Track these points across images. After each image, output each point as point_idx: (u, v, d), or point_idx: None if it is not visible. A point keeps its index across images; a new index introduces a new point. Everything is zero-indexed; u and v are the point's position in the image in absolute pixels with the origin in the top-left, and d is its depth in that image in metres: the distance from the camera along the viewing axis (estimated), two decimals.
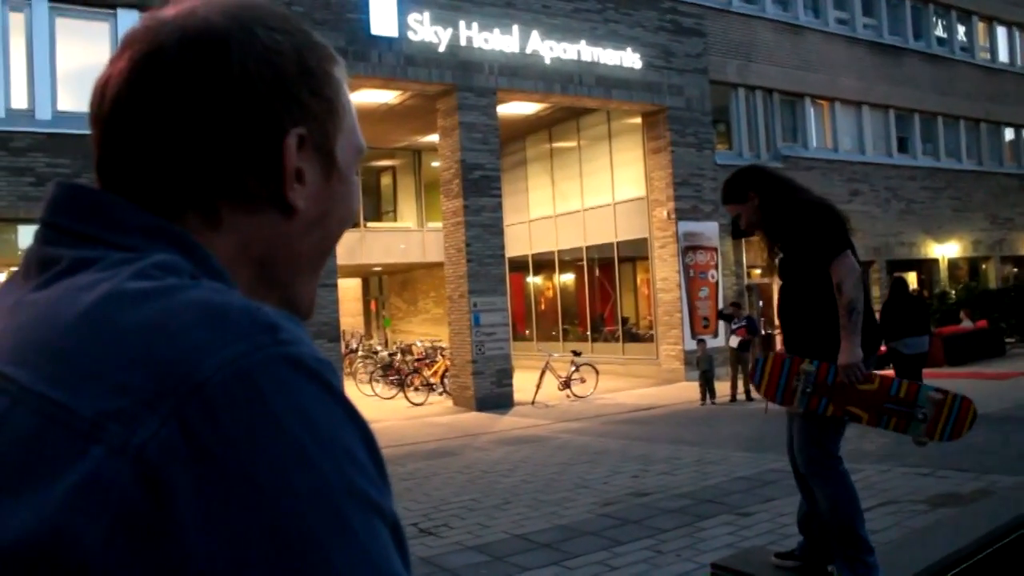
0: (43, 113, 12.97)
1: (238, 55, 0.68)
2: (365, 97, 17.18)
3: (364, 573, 0.52)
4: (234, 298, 0.59)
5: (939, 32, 25.99)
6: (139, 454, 0.50)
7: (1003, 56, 28.21)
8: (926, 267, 24.68)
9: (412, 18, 15.12)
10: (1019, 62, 28.64)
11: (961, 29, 26.72)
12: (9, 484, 0.52)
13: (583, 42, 17.10)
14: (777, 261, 4.06)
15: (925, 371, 11.77)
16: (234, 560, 0.49)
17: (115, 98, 0.68)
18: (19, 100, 12.97)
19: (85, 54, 13.02)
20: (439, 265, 19.09)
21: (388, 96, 17.31)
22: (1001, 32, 28.14)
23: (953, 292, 23.40)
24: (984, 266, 26.55)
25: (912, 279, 22.70)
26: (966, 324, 19.53)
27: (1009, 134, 28.20)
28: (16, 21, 12.94)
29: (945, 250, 24.83)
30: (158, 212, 0.67)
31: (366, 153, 0.82)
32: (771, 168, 4.38)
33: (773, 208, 3.98)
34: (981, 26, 27.43)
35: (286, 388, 0.54)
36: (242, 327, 0.55)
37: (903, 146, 24.60)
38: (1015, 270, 27.35)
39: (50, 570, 0.49)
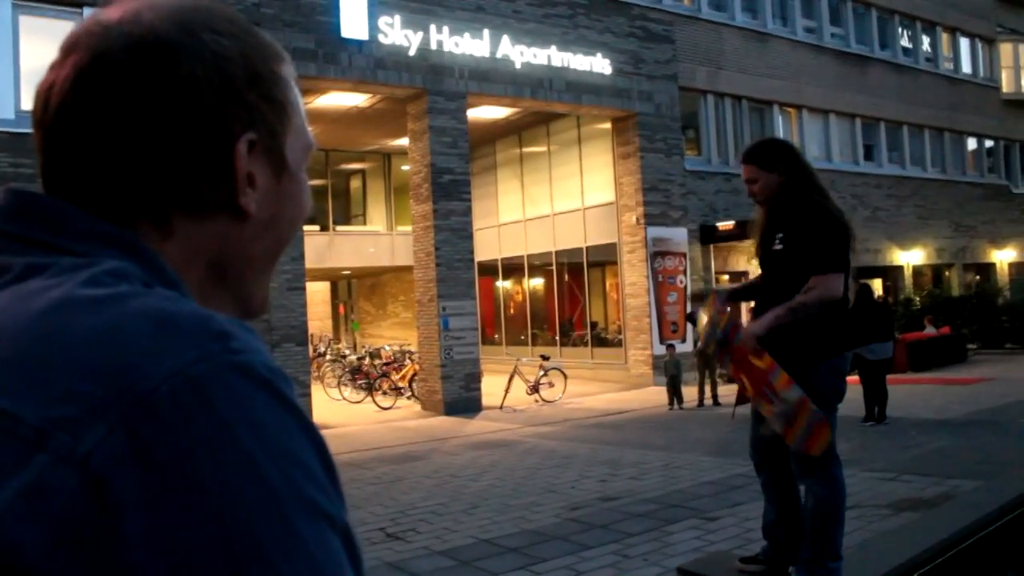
0: (6, 112, 12.77)
1: (187, 62, 0.66)
2: (335, 100, 17.13)
3: None
4: (186, 306, 0.58)
5: (904, 42, 26.35)
6: (85, 462, 0.49)
7: (966, 67, 28.66)
8: (891, 274, 24.97)
9: (383, 21, 15.08)
10: (981, 73, 29.10)
11: (926, 40, 27.11)
12: None
13: (553, 47, 17.15)
14: (773, 248, 3.97)
15: (889, 377, 11.90)
16: (179, 572, 0.48)
17: (60, 105, 0.67)
18: None
19: (50, 53, 12.77)
20: (408, 269, 19.04)
21: (358, 99, 17.26)
22: (964, 43, 28.59)
23: (917, 299, 23.71)
24: (947, 273, 26.92)
25: (877, 286, 22.95)
26: (930, 331, 19.78)
27: (972, 143, 28.63)
28: None
29: (909, 257, 25.15)
30: (108, 221, 0.66)
31: (315, 149, 0.81)
32: (803, 155, 4.24)
33: (793, 194, 3.90)
34: (945, 37, 27.85)
35: (236, 397, 0.53)
36: (193, 335, 0.55)
37: (869, 154, 24.90)
38: (977, 278, 27.76)
39: None
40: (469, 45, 16.05)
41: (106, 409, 0.51)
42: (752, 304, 4.24)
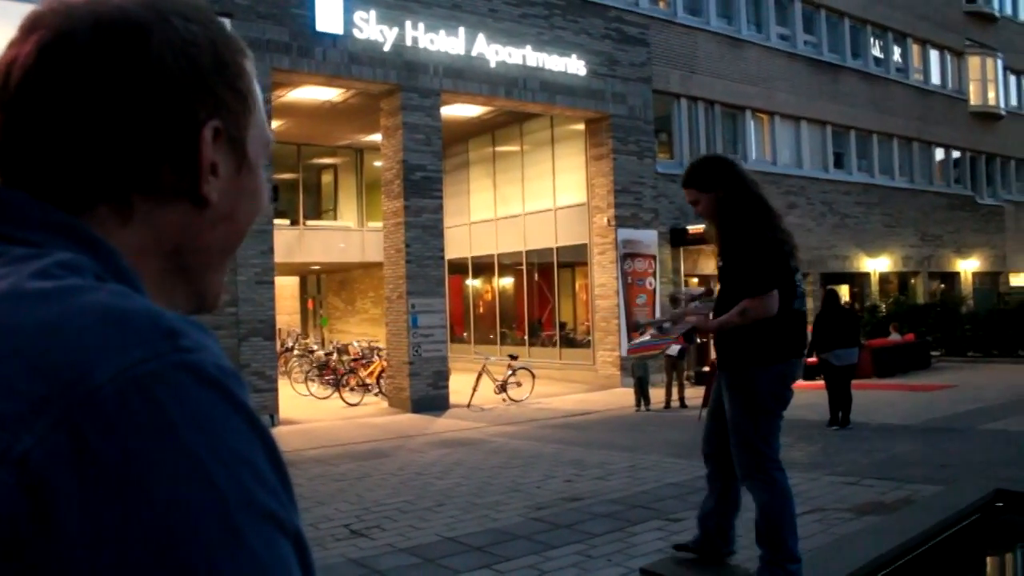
0: None
1: (156, 44, 0.66)
2: (308, 94, 17.03)
3: None
4: (136, 302, 0.56)
5: (876, 52, 26.64)
6: (22, 461, 0.48)
7: (935, 78, 29.04)
8: (858, 280, 25.25)
9: (358, 16, 15.01)
10: (950, 85, 29.50)
11: (897, 50, 27.44)
12: None
13: (528, 47, 17.15)
14: (719, 264, 4.11)
15: (854, 382, 12.03)
16: (118, 572, 0.47)
17: (21, 83, 0.65)
18: None
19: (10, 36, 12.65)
20: (378, 265, 18.97)
21: (331, 94, 17.17)
22: (934, 55, 28.96)
23: (883, 306, 23.99)
24: (913, 281, 27.26)
25: (844, 292, 23.19)
26: (895, 337, 20.01)
27: (940, 154, 29.03)
28: None
29: (876, 264, 25.43)
30: (68, 203, 0.64)
31: (273, 145, 0.81)
32: (741, 166, 4.35)
33: (730, 213, 3.99)
34: (915, 48, 28.20)
35: (184, 397, 0.51)
36: (141, 333, 0.53)
37: (839, 162, 25.15)
38: (942, 286, 28.13)
39: None
40: (444, 42, 16.01)
41: (47, 407, 0.49)
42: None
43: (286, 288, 27.95)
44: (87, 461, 0.48)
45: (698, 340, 3.98)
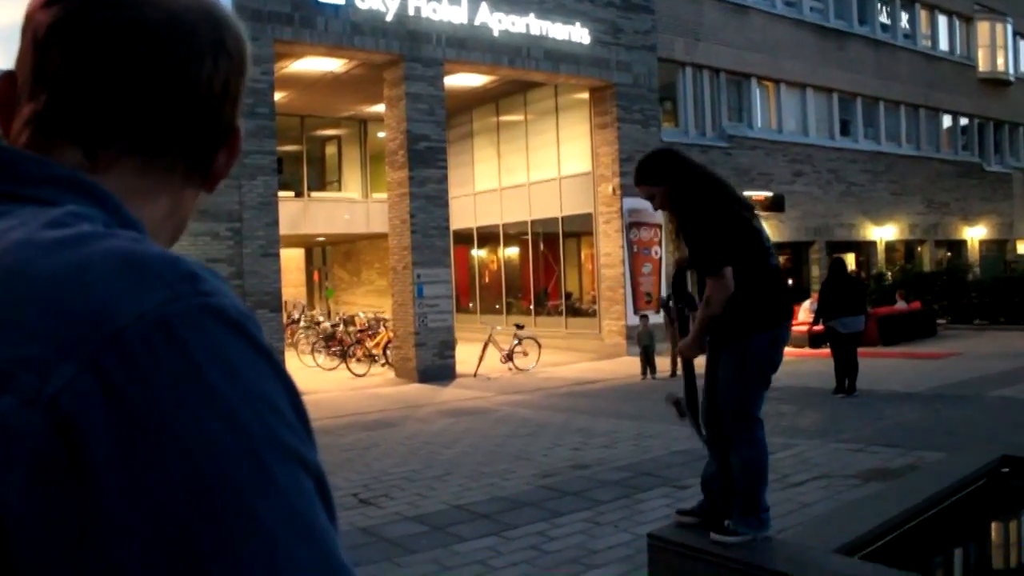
0: None
1: (232, 43, 0.72)
2: (310, 65, 16.93)
3: (289, 526, 0.50)
4: (153, 247, 0.57)
5: (883, 18, 26.39)
6: (53, 403, 0.48)
7: (943, 44, 28.77)
8: (864, 249, 25.18)
9: None
10: (958, 51, 29.24)
11: (904, 16, 27.17)
12: None
13: (532, 15, 17.01)
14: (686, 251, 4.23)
15: (860, 350, 12.02)
16: (152, 512, 0.47)
17: (98, 57, 0.66)
18: None
19: (15, 10, 12.59)
20: (383, 236, 18.95)
21: (334, 64, 17.07)
22: (942, 20, 28.68)
23: (889, 274, 23.94)
24: (919, 249, 27.18)
25: (851, 260, 23.14)
26: (901, 305, 19.98)
27: (947, 121, 28.83)
28: None
29: (883, 233, 25.35)
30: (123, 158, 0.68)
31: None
32: (685, 155, 4.49)
33: (680, 201, 4.14)
34: (923, 14, 27.92)
35: (208, 338, 0.52)
36: (163, 276, 0.54)
37: (845, 129, 25.00)
38: (948, 254, 28.05)
39: None
40: (447, 11, 15.89)
41: (74, 349, 0.49)
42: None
43: (291, 260, 27.97)
44: (115, 402, 0.48)
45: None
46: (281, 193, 15.37)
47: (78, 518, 0.47)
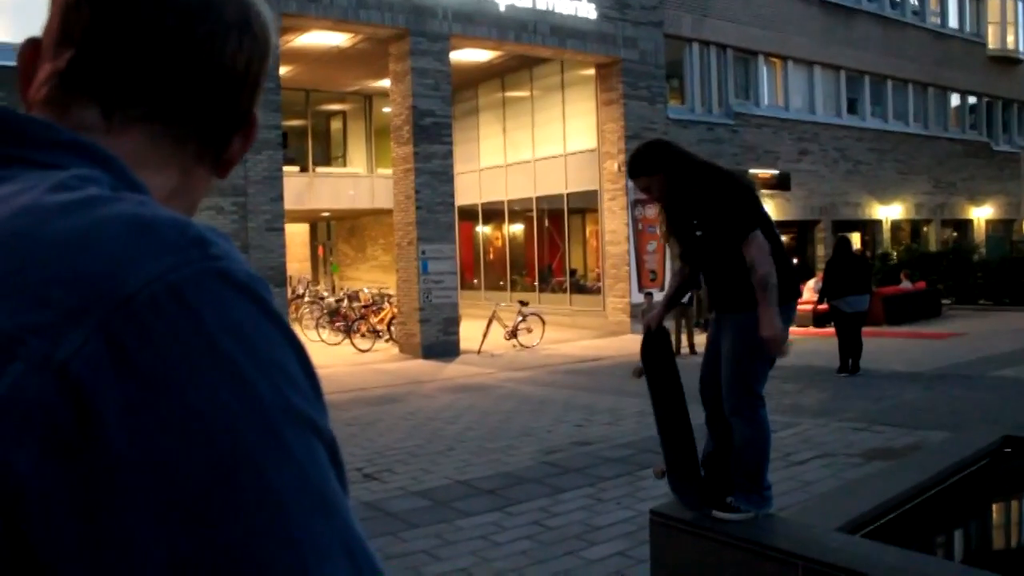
0: None
1: (259, 26, 0.73)
2: (316, 39, 16.85)
3: (302, 492, 0.50)
4: (161, 211, 0.56)
5: None
6: (63, 369, 0.48)
7: (952, 22, 28.53)
8: (870, 228, 25.11)
9: None
10: (967, 28, 29.00)
11: None
12: None
13: None
14: (696, 235, 4.18)
15: (865, 329, 12.02)
16: (163, 479, 0.47)
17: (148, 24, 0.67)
18: None
19: None
20: (388, 212, 18.93)
21: (339, 39, 16.99)
22: None
23: (895, 253, 23.88)
24: (925, 229, 27.09)
25: (856, 239, 23.07)
26: (906, 285, 19.95)
27: (955, 99, 28.64)
28: None
29: (889, 212, 25.26)
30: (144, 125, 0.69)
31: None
32: (677, 144, 4.50)
33: (685, 184, 4.11)
34: None
35: (218, 303, 0.52)
36: (171, 241, 0.53)
37: (852, 107, 24.85)
38: (954, 234, 27.96)
39: None
40: None
41: (83, 315, 0.49)
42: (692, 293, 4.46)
43: (296, 235, 27.97)
44: (126, 368, 0.48)
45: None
46: (286, 168, 15.36)
47: (89, 485, 0.47)
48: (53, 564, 0.47)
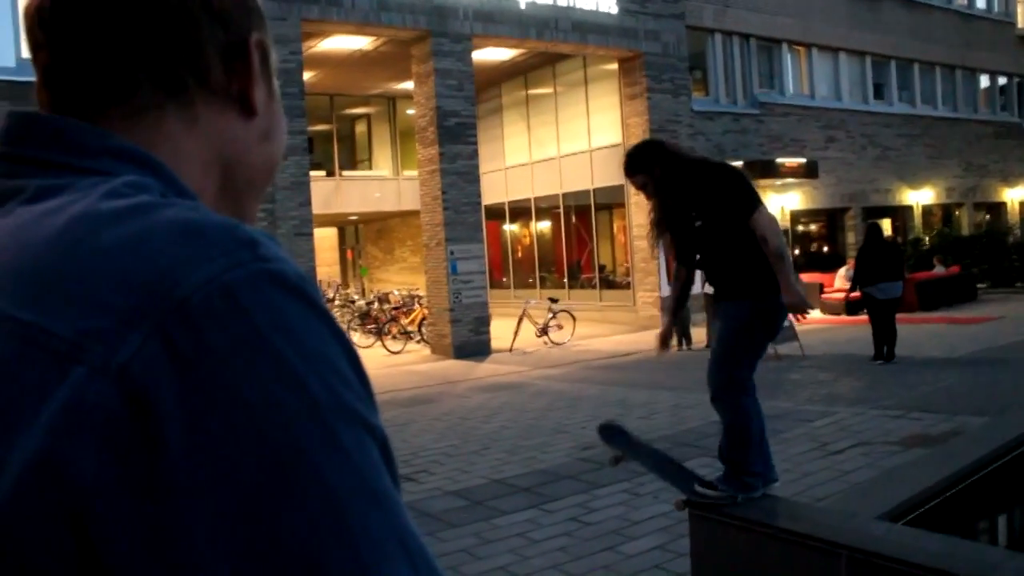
0: (6, 60, 12.68)
1: None
2: (338, 43, 16.93)
3: (356, 488, 0.50)
4: (211, 215, 0.57)
5: None
6: (122, 373, 0.49)
7: (980, 2, 28.14)
8: (900, 214, 24.83)
9: None
10: (996, 8, 28.58)
11: None
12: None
13: None
14: (695, 227, 4.26)
15: (899, 316, 11.90)
16: (222, 479, 0.48)
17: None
18: None
19: None
20: (415, 213, 18.99)
21: (362, 42, 17.05)
22: None
23: (927, 238, 23.61)
24: (957, 213, 26.75)
25: (887, 226, 22.84)
26: (939, 270, 19.73)
27: (984, 81, 28.24)
28: None
29: (919, 197, 24.97)
30: (135, 102, 0.66)
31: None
32: (670, 142, 4.69)
33: (679, 177, 4.21)
34: None
35: (269, 304, 0.52)
36: (222, 244, 0.54)
37: (879, 93, 24.59)
38: (987, 217, 27.58)
39: (50, 504, 0.48)
40: None
41: (140, 319, 0.50)
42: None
43: (325, 239, 28.12)
44: (182, 370, 0.49)
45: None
46: (313, 173, 15.45)
47: (150, 485, 0.48)
48: (118, 565, 0.48)
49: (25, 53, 12.45)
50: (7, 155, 0.64)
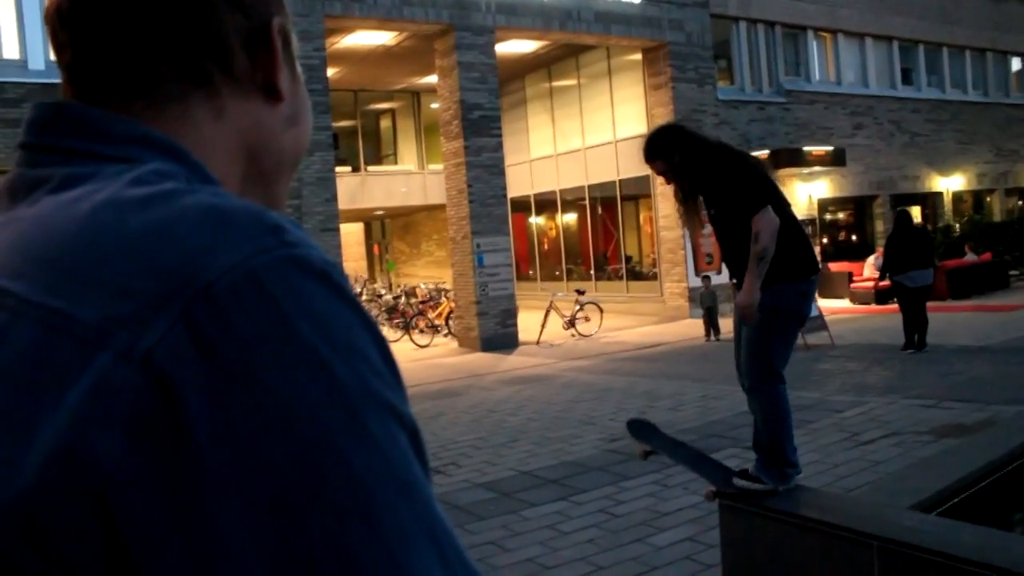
0: (35, 63, 12.82)
1: None
2: (361, 39, 16.98)
3: (384, 477, 0.50)
4: (236, 201, 0.57)
5: None
6: (147, 358, 0.49)
7: None
8: (930, 201, 24.55)
9: None
10: None
11: None
12: (23, 406, 0.50)
13: None
14: (710, 214, 4.28)
15: (929, 304, 11.77)
16: (248, 466, 0.48)
17: None
18: (11, 50, 12.81)
19: None
20: (441, 207, 19.02)
21: (385, 37, 17.09)
22: None
23: (957, 225, 23.32)
24: (988, 199, 26.41)
25: (916, 213, 22.59)
26: (970, 257, 19.49)
27: (1016, 64, 27.82)
28: None
29: (949, 183, 24.68)
30: (161, 99, 0.66)
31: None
32: (690, 127, 4.63)
33: (695, 166, 4.20)
34: None
35: (296, 290, 0.52)
36: (248, 229, 0.53)
37: (907, 78, 24.30)
38: (1020, 203, 27.20)
39: (75, 490, 0.48)
40: None
41: (165, 304, 0.50)
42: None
43: (351, 235, 28.24)
44: (208, 356, 0.48)
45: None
46: (338, 168, 15.51)
47: (175, 472, 0.48)
48: (144, 553, 0.48)
49: (53, 55, 12.60)
50: (32, 145, 0.64)
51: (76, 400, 0.49)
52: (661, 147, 4.29)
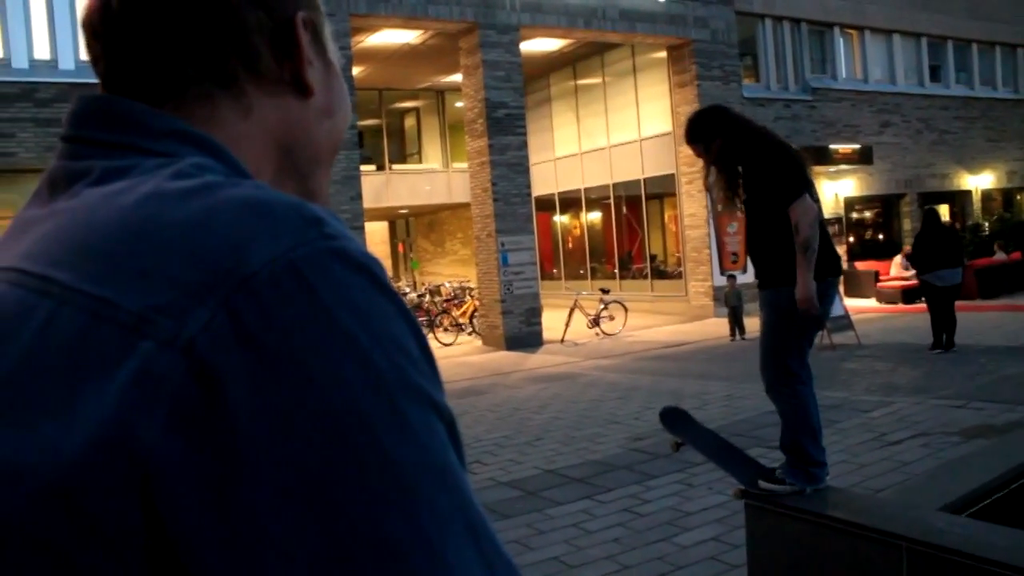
0: (66, 63, 12.95)
1: None
2: (386, 38, 17.02)
3: (423, 467, 0.50)
4: (277, 194, 0.58)
5: None
6: (189, 346, 0.50)
7: None
8: (959, 199, 24.29)
9: None
10: None
11: None
12: (65, 389, 0.51)
13: None
14: (743, 200, 4.20)
15: (958, 303, 11.65)
16: (288, 454, 0.48)
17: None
18: (42, 51, 12.95)
19: None
20: (465, 206, 19.04)
21: (410, 36, 17.13)
22: None
23: (987, 224, 23.06)
24: (1019, 197, 26.09)
25: (944, 211, 22.35)
26: (1000, 256, 19.27)
27: None
28: None
29: (978, 181, 24.41)
30: (189, 100, 0.67)
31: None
32: (734, 109, 4.55)
33: (739, 148, 4.14)
34: None
35: (336, 281, 0.53)
36: (288, 221, 0.54)
37: (936, 75, 24.05)
38: None
39: (117, 473, 0.49)
40: None
41: (207, 294, 0.51)
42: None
43: (376, 233, 28.33)
44: (249, 345, 0.49)
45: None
46: (363, 167, 15.56)
47: (216, 460, 0.48)
48: (184, 538, 0.49)
49: (83, 55, 12.74)
50: (73, 137, 0.65)
51: (119, 386, 0.50)
52: (703, 130, 4.24)
